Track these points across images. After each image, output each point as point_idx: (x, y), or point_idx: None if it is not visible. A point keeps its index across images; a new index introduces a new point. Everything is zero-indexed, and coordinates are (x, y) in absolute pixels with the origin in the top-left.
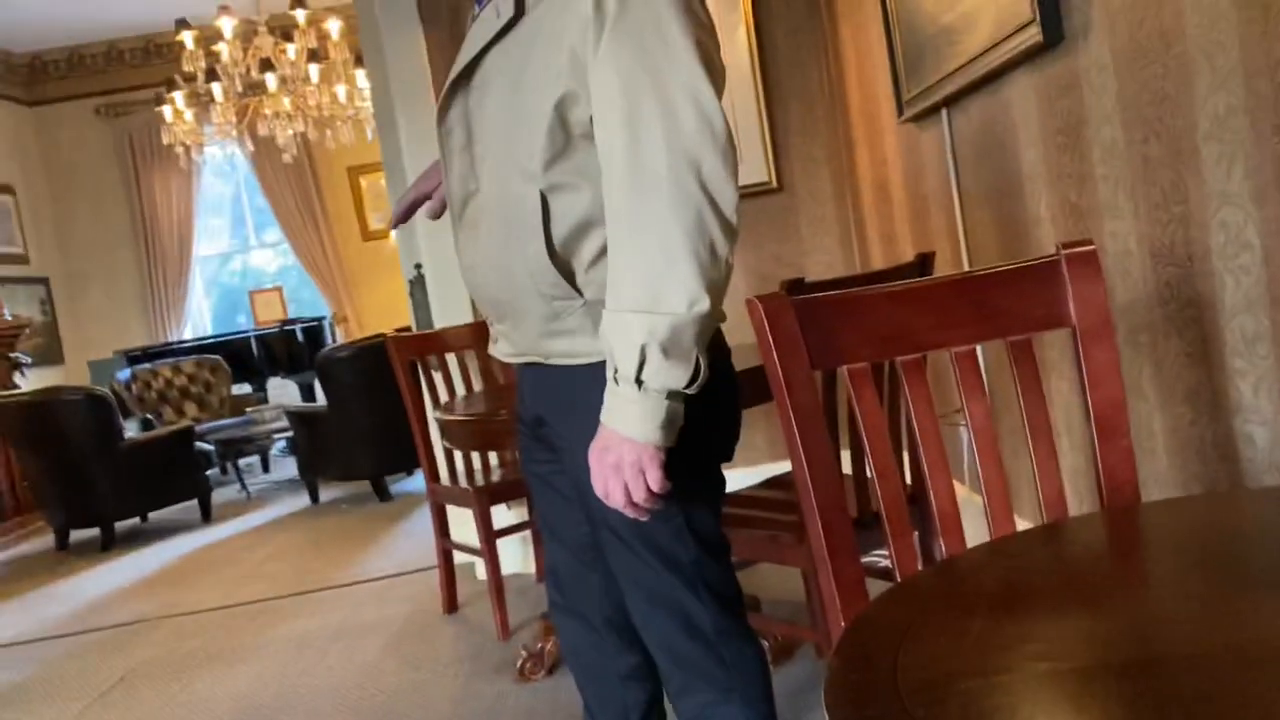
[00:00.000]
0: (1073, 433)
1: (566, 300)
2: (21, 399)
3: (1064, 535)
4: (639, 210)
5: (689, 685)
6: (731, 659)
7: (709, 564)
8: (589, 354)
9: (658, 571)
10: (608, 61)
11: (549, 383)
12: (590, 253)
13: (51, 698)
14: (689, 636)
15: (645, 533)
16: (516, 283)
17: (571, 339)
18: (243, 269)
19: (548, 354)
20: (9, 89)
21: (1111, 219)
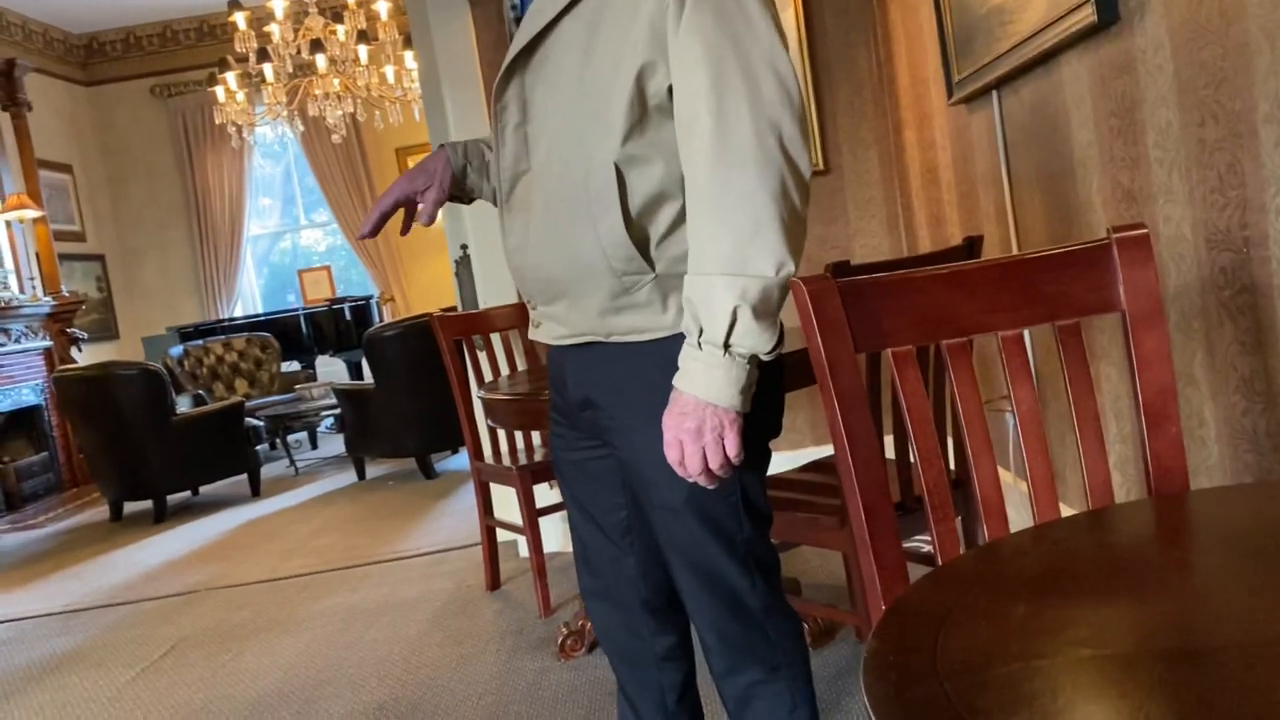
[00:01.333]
0: (1121, 420)
1: (637, 275)
2: (79, 373)
3: (1109, 522)
4: (726, 177)
5: (736, 665)
6: (777, 636)
7: (759, 540)
8: (654, 329)
9: (713, 549)
10: (691, 32)
11: (604, 362)
12: (663, 225)
13: (105, 664)
14: (738, 616)
15: (703, 510)
16: (583, 260)
17: (637, 314)
18: (292, 248)
19: (610, 331)
20: (67, 70)
21: (1165, 203)
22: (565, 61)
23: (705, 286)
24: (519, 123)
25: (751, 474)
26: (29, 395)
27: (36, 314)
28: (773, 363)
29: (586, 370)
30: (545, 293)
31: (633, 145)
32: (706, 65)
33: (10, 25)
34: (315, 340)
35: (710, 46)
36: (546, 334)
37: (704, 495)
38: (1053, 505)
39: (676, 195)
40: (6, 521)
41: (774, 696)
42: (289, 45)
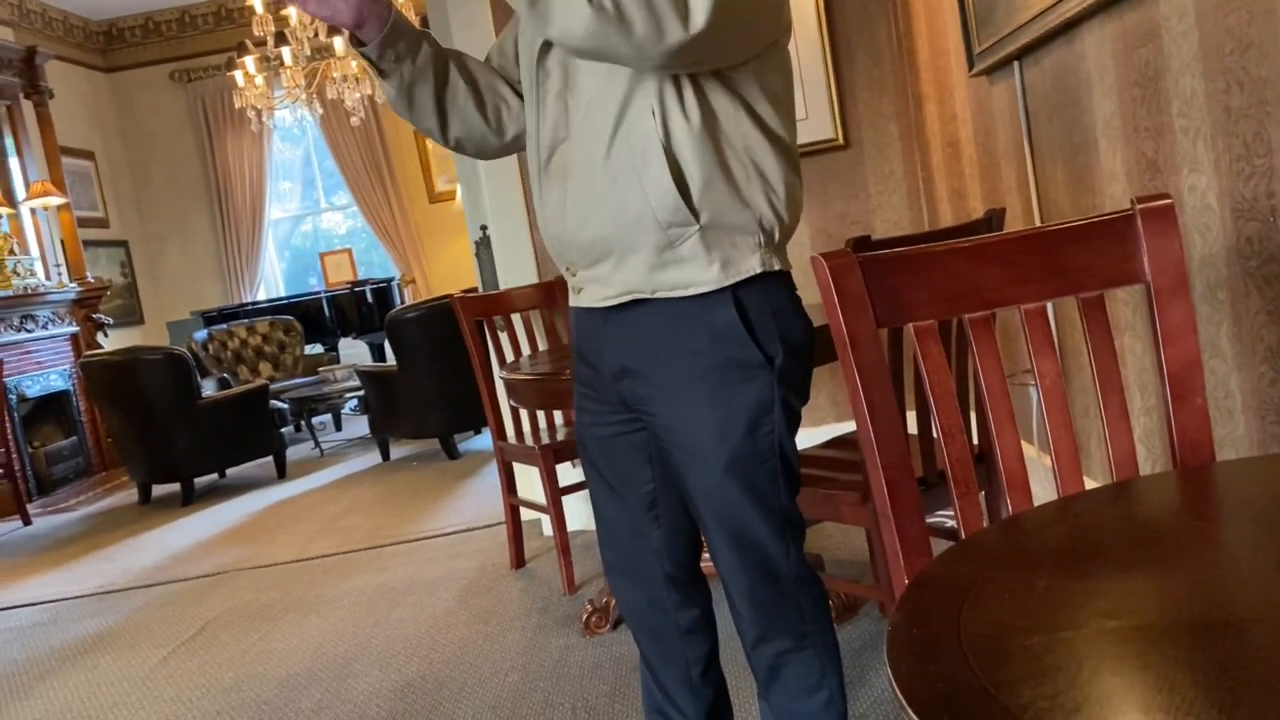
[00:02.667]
0: (1146, 392)
1: (683, 227)
2: (105, 359)
3: (1134, 494)
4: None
5: (767, 632)
6: (807, 604)
7: (794, 507)
8: (700, 283)
9: (751, 515)
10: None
11: (648, 326)
12: (704, 174)
13: (137, 644)
14: (771, 583)
15: (744, 475)
16: (629, 215)
17: (682, 269)
18: (313, 231)
19: (656, 287)
20: (87, 56)
21: (1190, 172)
22: None
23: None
24: (560, 90)
25: (789, 438)
26: (57, 381)
27: (63, 300)
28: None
29: (628, 337)
30: (588, 255)
31: (669, 97)
32: None
33: (30, 13)
34: (338, 323)
35: None
36: (590, 298)
37: (745, 461)
38: (1076, 478)
39: (715, 143)
40: (38, 505)
41: (803, 665)
42: (306, 28)
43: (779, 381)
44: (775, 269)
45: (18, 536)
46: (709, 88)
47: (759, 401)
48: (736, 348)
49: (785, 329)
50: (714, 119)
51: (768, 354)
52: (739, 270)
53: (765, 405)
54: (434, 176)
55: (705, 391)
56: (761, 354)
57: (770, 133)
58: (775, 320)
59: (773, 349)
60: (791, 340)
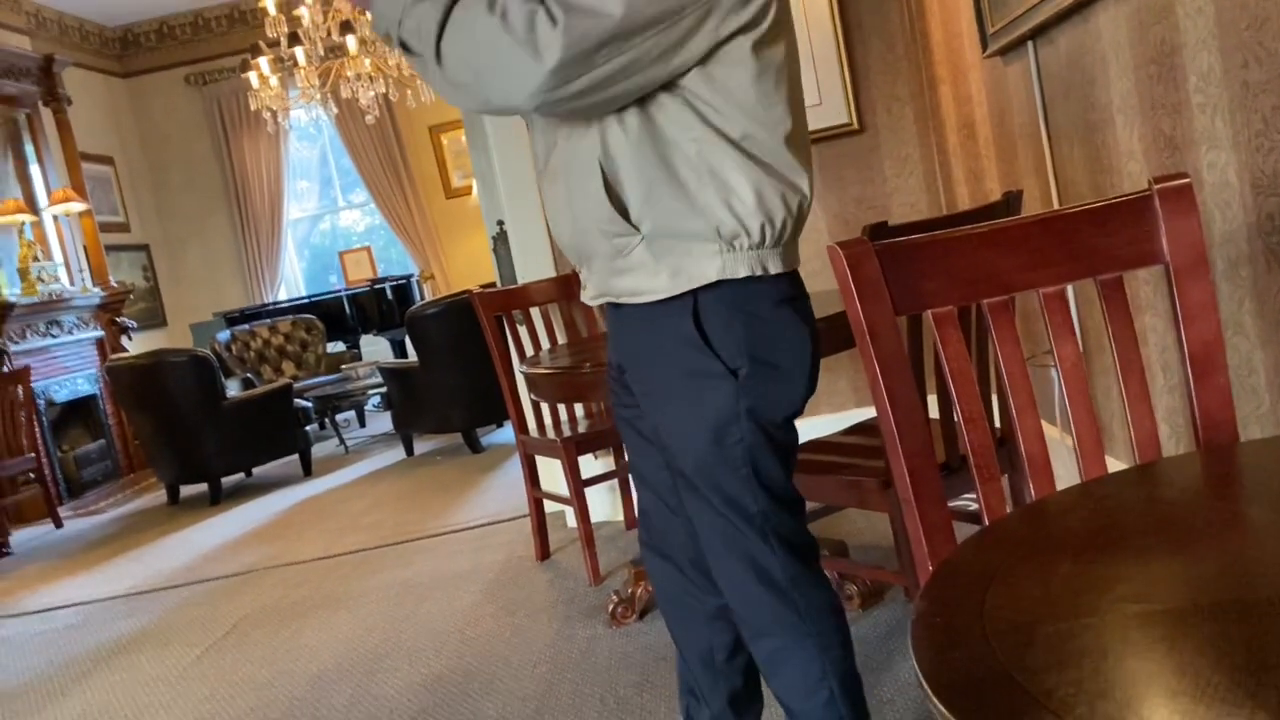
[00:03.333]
0: (1169, 371)
1: (625, 237)
2: (131, 362)
3: (1157, 476)
4: None
5: (763, 630)
6: (804, 606)
7: (778, 514)
8: (651, 291)
9: (728, 519)
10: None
11: (625, 327)
12: (641, 188)
13: (170, 644)
14: (761, 583)
15: (715, 481)
16: (581, 223)
17: (633, 276)
18: (332, 230)
19: (617, 293)
20: (104, 62)
21: (1209, 149)
22: None
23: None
24: None
25: (763, 450)
26: (84, 385)
27: (87, 305)
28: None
29: (619, 335)
30: (575, 256)
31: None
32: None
33: (47, 21)
34: (359, 320)
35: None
36: (587, 295)
37: (712, 468)
38: (1099, 461)
39: (658, 153)
40: (68, 508)
41: (803, 664)
42: (319, 28)
43: (745, 393)
44: (741, 275)
45: (50, 540)
46: (650, 97)
47: (720, 412)
48: (697, 357)
49: (759, 339)
50: (654, 128)
51: (729, 366)
52: (691, 279)
53: (729, 416)
54: (450, 172)
55: (675, 397)
56: (722, 365)
57: (728, 136)
58: (746, 330)
59: (737, 361)
60: (767, 350)
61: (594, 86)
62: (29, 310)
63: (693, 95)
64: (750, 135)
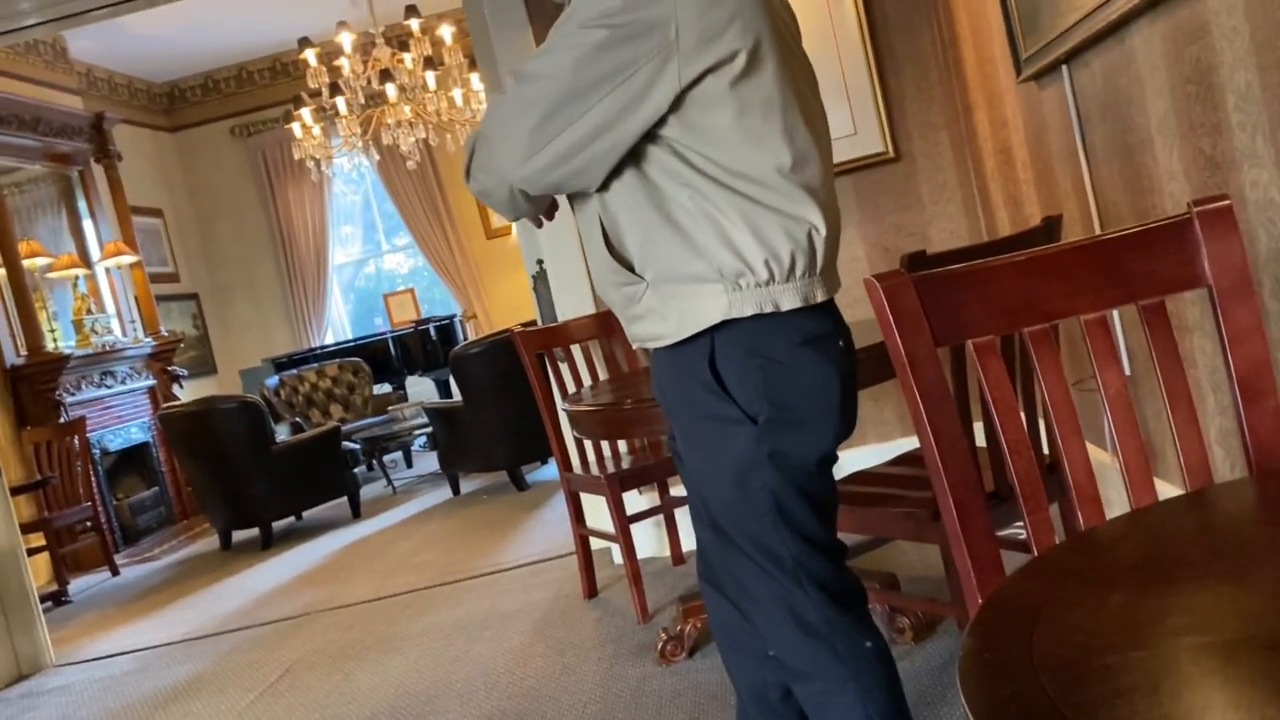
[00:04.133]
0: (1220, 393)
1: (633, 285)
2: (182, 410)
3: (1207, 503)
4: None
5: (804, 673)
6: (846, 651)
7: (813, 560)
8: (665, 336)
9: (759, 564)
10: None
11: (657, 367)
12: (638, 238)
13: (225, 689)
14: (800, 630)
15: (742, 526)
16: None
17: (646, 323)
18: (376, 273)
19: (637, 337)
20: (152, 118)
21: (1251, 168)
22: None
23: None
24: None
25: (790, 496)
26: (137, 433)
27: (139, 355)
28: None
29: (655, 374)
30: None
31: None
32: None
33: (98, 80)
34: (404, 361)
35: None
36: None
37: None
38: (1148, 488)
39: (653, 200)
40: (124, 556)
41: (845, 709)
42: (359, 77)
43: (765, 439)
44: (749, 314)
45: (107, 587)
46: (638, 150)
47: (743, 458)
48: (715, 402)
49: (776, 384)
50: (645, 179)
51: (747, 412)
52: (698, 320)
53: (750, 462)
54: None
55: (699, 439)
56: (739, 410)
57: (716, 179)
58: (763, 374)
59: (754, 406)
60: (787, 395)
61: (568, 151)
62: (84, 362)
63: (676, 142)
64: (741, 173)
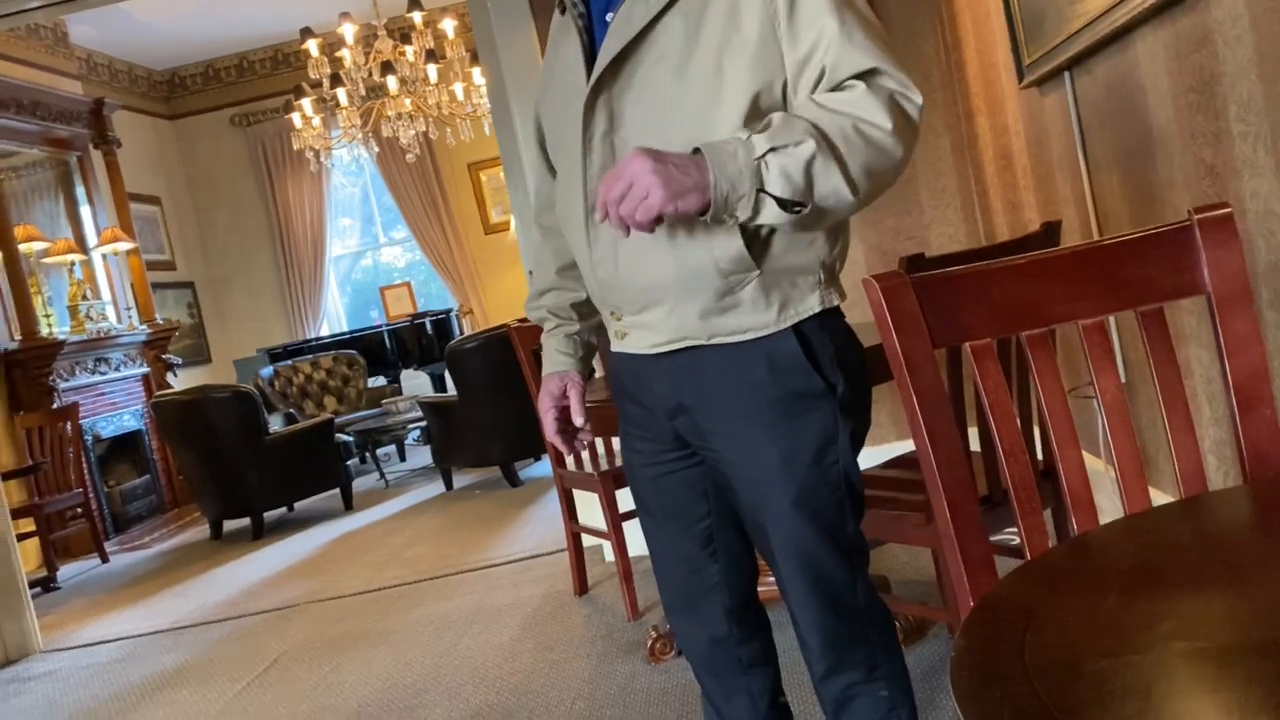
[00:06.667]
0: (1215, 403)
1: (743, 274)
2: (176, 398)
3: (1201, 510)
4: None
5: (837, 666)
6: (876, 635)
7: (860, 537)
8: (757, 328)
9: (821, 547)
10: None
11: (701, 367)
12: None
13: (213, 678)
14: (841, 615)
15: (812, 507)
16: (689, 264)
17: (740, 314)
18: (373, 266)
19: (712, 334)
20: (152, 105)
21: (1251, 178)
22: (660, 70)
23: (802, 127)
24: (606, 130)
25: (854, 466)
26: (130, 421)
27: (134, 342)
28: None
29: (680, 374)
30: (638, 301)
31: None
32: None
33: (98, 66)
34: (399, 355)
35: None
36: (636, 344)
37: (813, 493)
38: (1143, 495)
39: None
40: (115, 543)
41: (873, 696)
42: (360, 69)
43: (842, 410)
44: (835, 304)
45: (96, 574)
46: None
47: (823, 431)
48: (799, 379)
49: (845, 355)
50: None
51: (830, 382)
52: (798, 311)
53: (830, 434)
54: (488, 209)
55: (767, 425)
56: (824, 382)
57: None
58: (835, 347)
59: (835, 377)
60: (851, 366)
61: None
62: (78, 348)
63: None
64: None
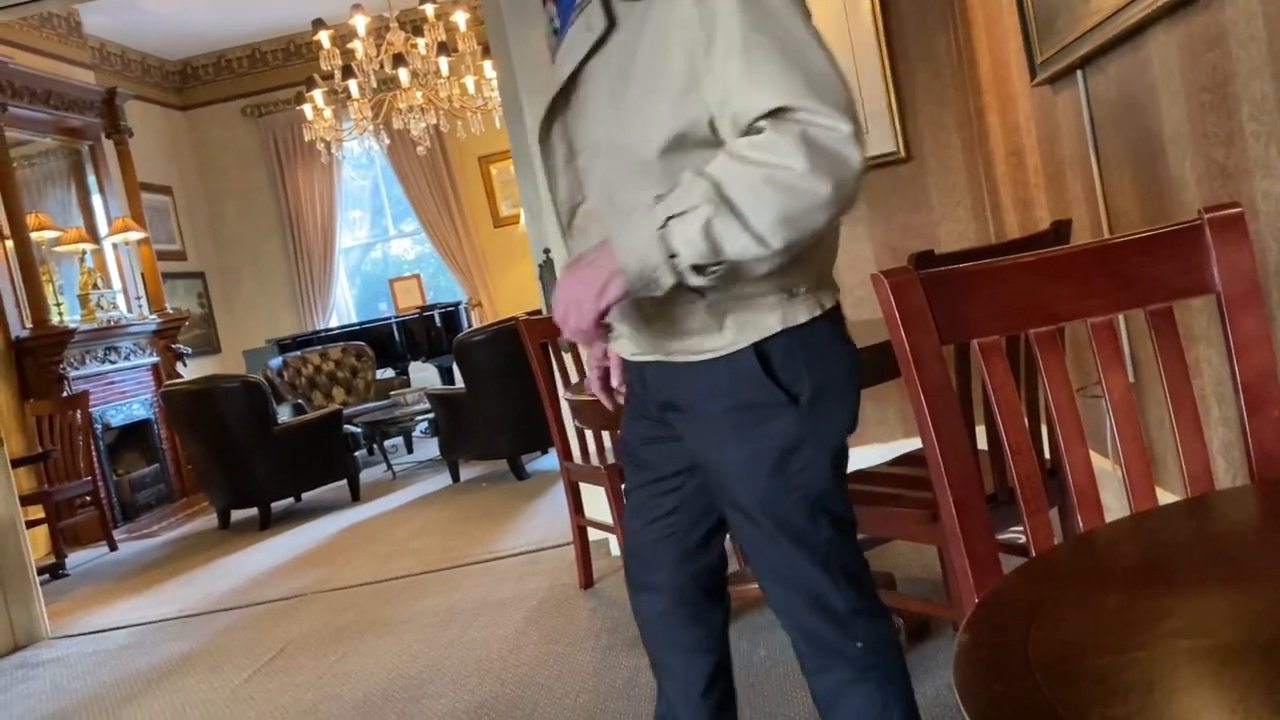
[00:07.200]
0: (1224, 403)
1: (688, 303)
2: (185, 388)
3: (1208, 509)
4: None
5: (825, 665)
6: (866, 638)
7: (840, 543)
8: (713, 349)
9: (791, 552)
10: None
11: (674, 375)
12: None
13: (219, 667)
14: (823, 617)
15: (780, 515)
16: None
17: (692, 338)
18: (383, 258)
19: (669, 352)
20: (164, 95)
21: (1264, 178)
22: (600, 102)
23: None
24: (568, 159)
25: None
26: (139, 410)
27: (144, 331)
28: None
29: (660, 379)
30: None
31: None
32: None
33: (111, 56)
34: (408, 347)
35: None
36: (621, 349)
37: (775, 500)
38: (1149, 494)
39: None
40: (123, 531)
41: (865, 696)
42: (372, 61)
43: (807, 418)
44: (801, 322)
45: (104, 562)
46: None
47: (784, 440)
48: (757, 390)
49: (816, 363)
50: None
51: (791, 392)
52: (756, 332)
53: (792, 444)
54: (498, 202)
55: (730, 431)
56: (784, 393)
57: None
58: (805, 354)
59: (798, 386)
60: (824, 374)
61: None
62: (88, 336)
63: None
64: None
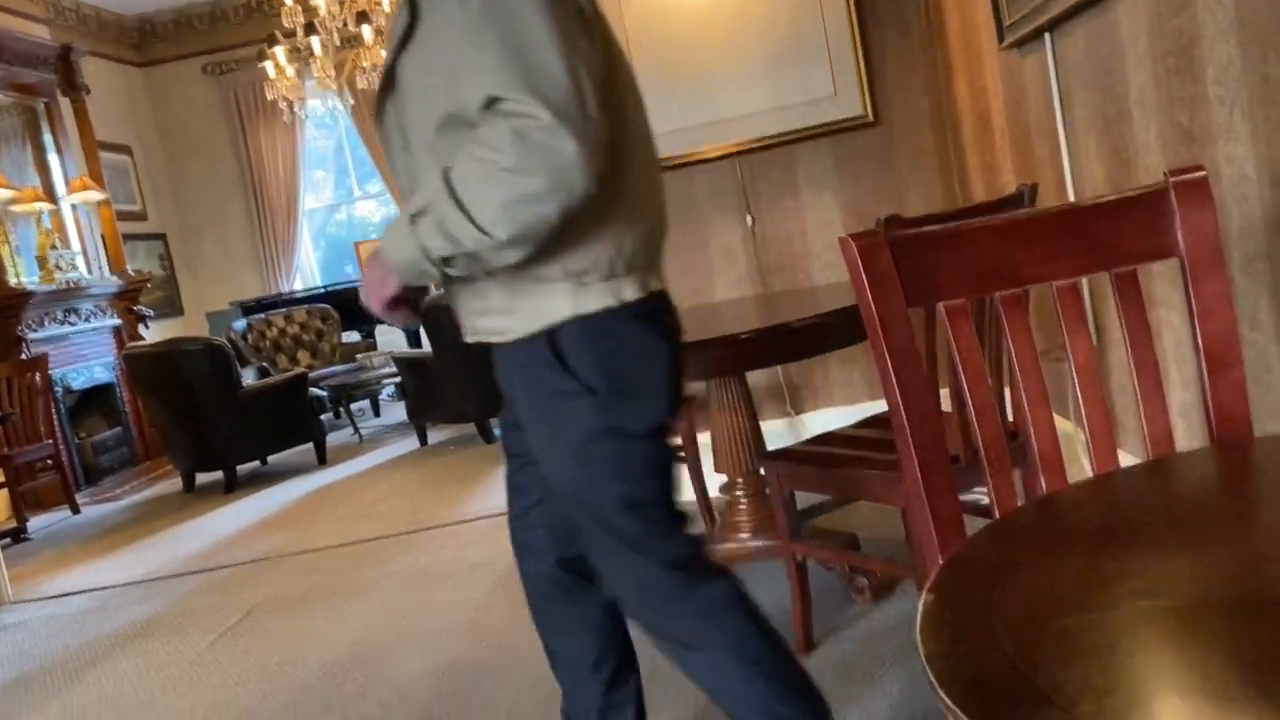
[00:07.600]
0: (1184, 366)
1: (486, 285)
2: (147, 350)
3: (1169, 472)
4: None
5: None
6: (694, 609)
7: (655, 531)
8: (508, 331)
9: (599, 535)
10: (473, 40)
11: (501, 360)
12: None
13: (184, 630)
14: (648, 596)
15: (585, 500)
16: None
17: (491, 318)
18: (348, 220)
19: (476, 332)
20: (122, 51)
21: (1227, 142)
22: (413, 94)
23: (434, 186)
24: (403, 148)
25: (629, 467)
26: (101, 373)
27: (104, 293)
28: (653, 353)
29: (498, 365)
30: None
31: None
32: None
33: (65, 10)
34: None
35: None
36: (465, 333)
37: (580, 486)
38: (1111, 456)
39: None
40: (86, 495)
41: (705, 662)
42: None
43: (609, 409)
44: (592, 310)
45: (67, 526)
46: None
47: (584, 429)
48: (555, 377)
49: (613, 354)
50: None
51: (586, 384)
52: (546, 318)
53: (591, 433)
54: None
55: (540, 417)
56: (579, 384)
57: None
58: (599, 345)
59: (594, 380)
60: (622, 365)
61: None
62: (47, 298)
63: None
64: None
